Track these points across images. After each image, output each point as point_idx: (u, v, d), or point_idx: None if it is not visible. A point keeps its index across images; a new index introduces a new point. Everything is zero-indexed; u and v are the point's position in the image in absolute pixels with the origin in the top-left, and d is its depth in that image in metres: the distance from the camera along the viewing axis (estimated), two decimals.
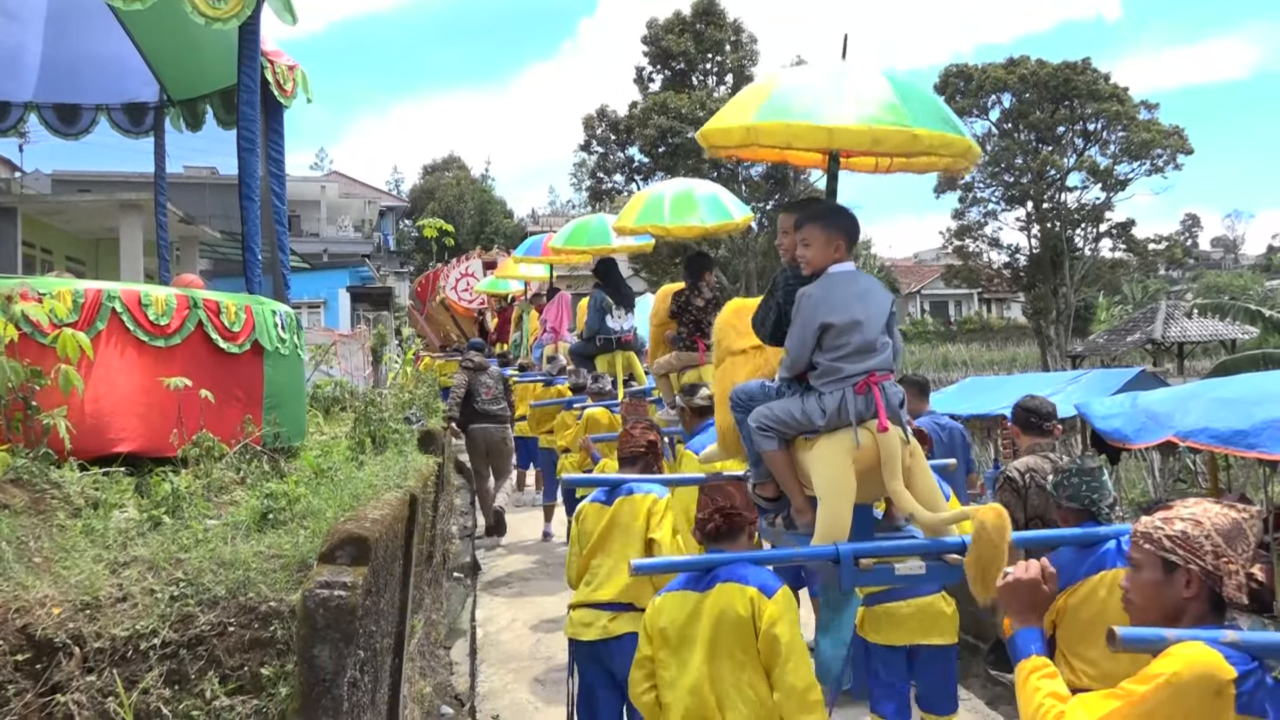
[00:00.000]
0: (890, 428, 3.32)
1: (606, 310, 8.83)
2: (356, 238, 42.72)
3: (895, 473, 3.31)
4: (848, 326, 3.36)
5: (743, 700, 3.13)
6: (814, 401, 3.39)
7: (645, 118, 38.67)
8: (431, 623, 6.87)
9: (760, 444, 3.55)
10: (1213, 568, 2.17)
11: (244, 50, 5.81)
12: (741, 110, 3.71)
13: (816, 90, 3.61)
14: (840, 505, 3.29)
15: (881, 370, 3.40)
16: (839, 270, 3.48)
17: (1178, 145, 41.70)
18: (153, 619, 3.06)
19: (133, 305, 4.84)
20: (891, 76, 3.67)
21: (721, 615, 3.17)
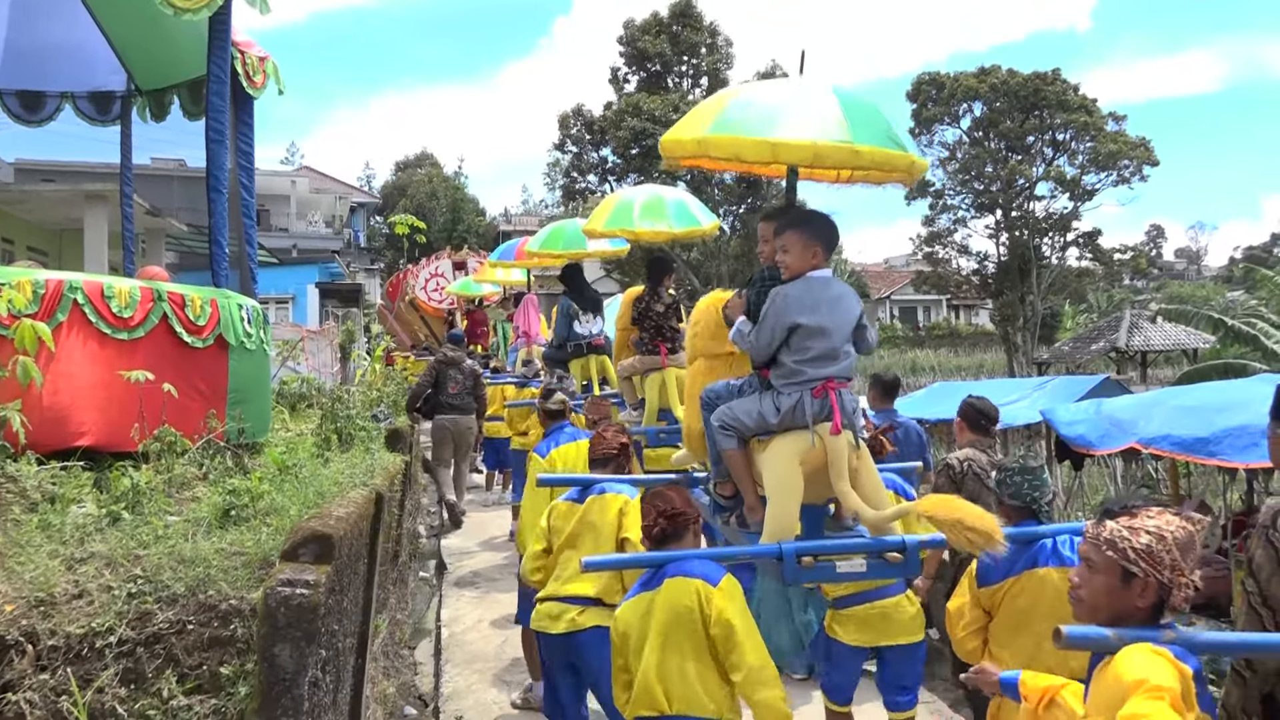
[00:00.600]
0: (842, 432, 3.43)
1: (574, 316, 8.87)
2: (327, 234, 42.31)
3: (842, 474, 3.42)
4: (815, 330, 3.46)
5: (690, 690, 3.23)
6: (770, 401, 3.50)
7: (619, 119, 38.67)
8: (396, 622, 6.81)
9: (721, 442, 3.66)
10: (1168, 580, 2.30)
11: (214, 41, 5.74)
12: (696, 123, 3.87)
13: (765, 106, 3.78)
14: (787, 504, 3.40)
15: (840, 378, 3.51)
16: (817, 275, 3.57)
17: (1144, 157, 42.33)
18: (109, 616, 3.00)
19: (95, 297, 4.76)
20: (840, 93, 3.82)
21: (671, 609, 3.28)
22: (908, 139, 3.92)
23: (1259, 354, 19.60)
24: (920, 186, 46.27)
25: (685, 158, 4.01)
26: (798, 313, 3.46)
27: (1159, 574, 2.29)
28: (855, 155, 3.69)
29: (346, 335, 14.48)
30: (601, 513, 4.52)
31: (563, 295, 9.12)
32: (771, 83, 4.22)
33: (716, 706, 3.24)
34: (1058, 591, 3.38)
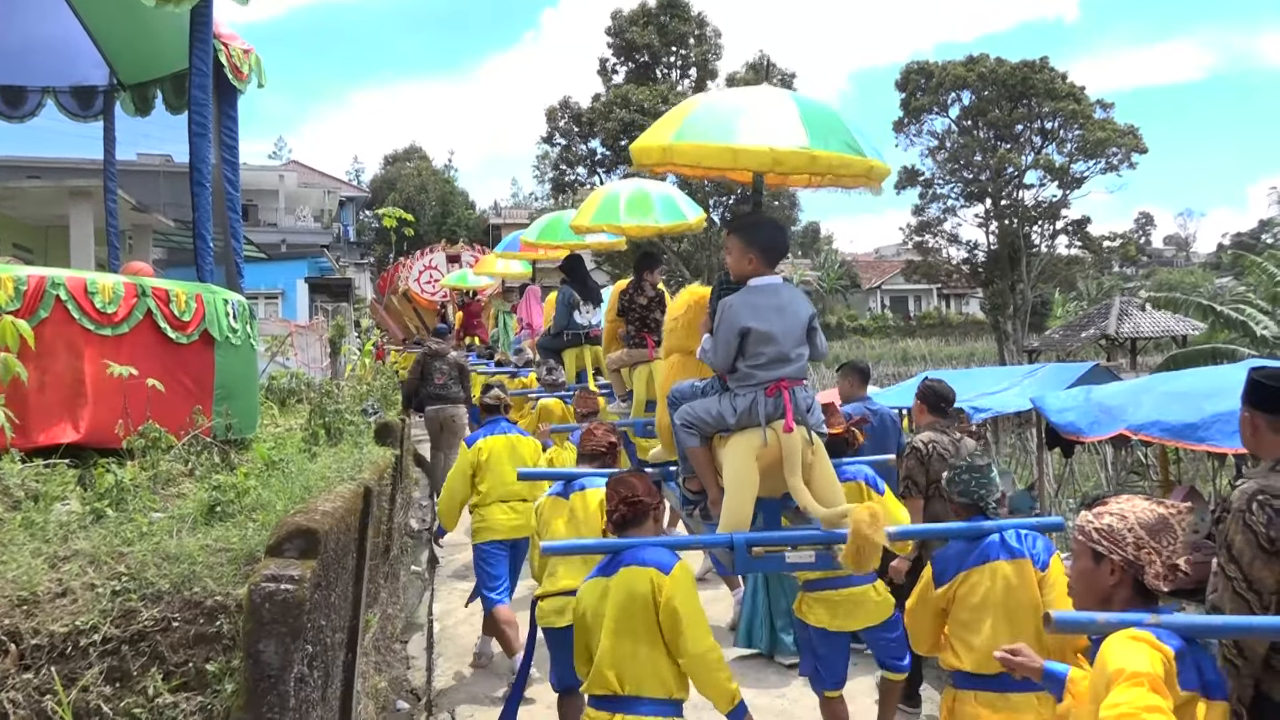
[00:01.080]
0: (795, 428, 3.60)
1: (574, 306, 9.00)
2: (315, 228, 42.16)
3: (795, 470, 3.59)
4: (763, 336, 3.65)
5: (642, 673, 3.41)
6: (728, 401, 3.70)
7: (608, 110, 38.64)
8: (387, 617, 6.79)
9: (684, 440, 3.89)
10: (1133, 557, 2.42)
11: (195, 33, 5.69)
12: (662, 131, 4.07)
13: (726, 113, 3.99)
14: (743, 497, 3.60)
15: (793, 378, 3.71)
16: (759, 283, 3.78)
17: (1132, 144, 42.46)
18: (93, 614, 2.97)
19: (78, 293, 4.71)
20: (800, 101, 4.03)
21: (625, 595, 3.45)
22: (868, 144, 4.06)
23: (1248, 340, 19.67)
24: (909, 176, 46.42)
25: (654, 164, 4.14)
26: (745, 319, 3.65)
27: (1122, 551, 2.43)
28: (813, 160, 3.86)
29: (336, 330, 14.45)
30: (584, 507, 4.78)
31: (563, 284, 9.19)
32: (734, 91, 4.47)
33: (666, 687, 3.42)
34: (1008, 583, 3.57)
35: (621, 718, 3.41)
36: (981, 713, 3.45)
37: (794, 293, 3.89)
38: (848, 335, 51.11)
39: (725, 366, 3.76)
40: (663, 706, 3.42)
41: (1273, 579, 2.82)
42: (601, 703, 3.49)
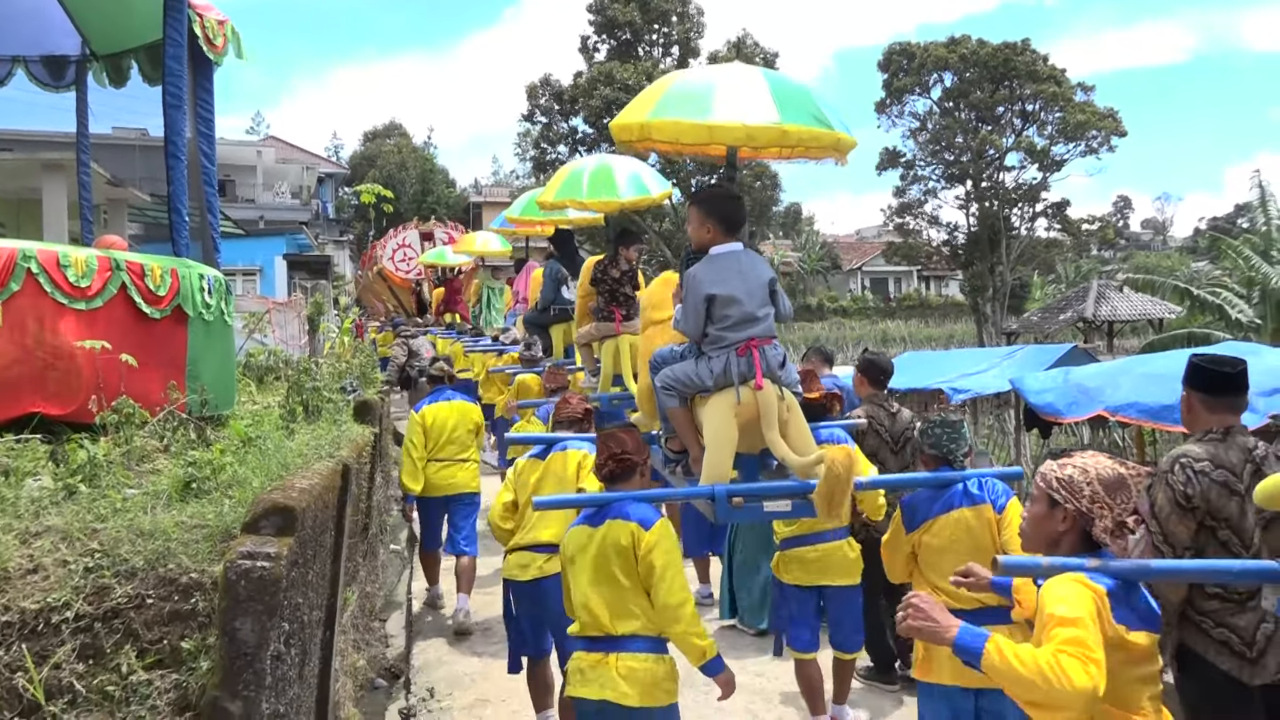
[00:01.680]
0: (766, 385, 3.79)
1: (562, 281, 9.16)
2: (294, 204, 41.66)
3: (771, 424, 3.77)
4: (728, 299, 3.83)
5: (630, 614, 3.68)
6: (704, 364, 3.89)
7: (590, 88, 38.40)
8: (366, 595, 6.77)
9: (664, 402, 4.08)
10: (1086, 509, 2.58)
11: (170, 3, 5.58)
12: (639, 109, 4.24)
13: (701, 91, 4.15)
14: (722, 453, 3.80)
15: (762, 336, 3.87)
16: (719, 250, 3.97)
17: (1112, 127, 42.64)
18: (66, 591, 2.93)
19: (50, 266, 4.63)
20: (769, 77, 4.22)
21: (609, 545, 3.72)
22: (836, 117, 4.22)
23: (1224, 324, 19.86)
24: (891, 157, 46.48)
25: (632, 141, 4.29)
26: (709, 285, 3.84)
27: (1077, 502, 2.60)
28: (784, 134, 4.05)
29: (314, 307, 14.32)
30: (563, 466, 5.01)
31: (550, 260, 9.29)
32: (707, 68, 4.64)
33: (652, 624, 3.69)
34: (969, 528, 3.90)
35: (616, 656, 3.65)
36: None
37: (753, 257, 4.06)
38: (828, 316, 51.23)
39: (696, 332, 3.95)
40: (653, 644, 3.70)
41: (1186, 533, 3.30)
42: (594, 644, 3.72)
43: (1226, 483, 3.31)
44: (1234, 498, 3.31)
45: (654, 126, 4.09)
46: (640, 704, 3.59)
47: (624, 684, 3.60)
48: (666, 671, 3.71)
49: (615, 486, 3.91)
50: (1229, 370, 3.49)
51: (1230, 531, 3.31)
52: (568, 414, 5.39)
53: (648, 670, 3.65)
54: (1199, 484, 3.30)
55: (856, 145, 4.37)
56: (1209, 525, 3.33)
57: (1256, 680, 3.24)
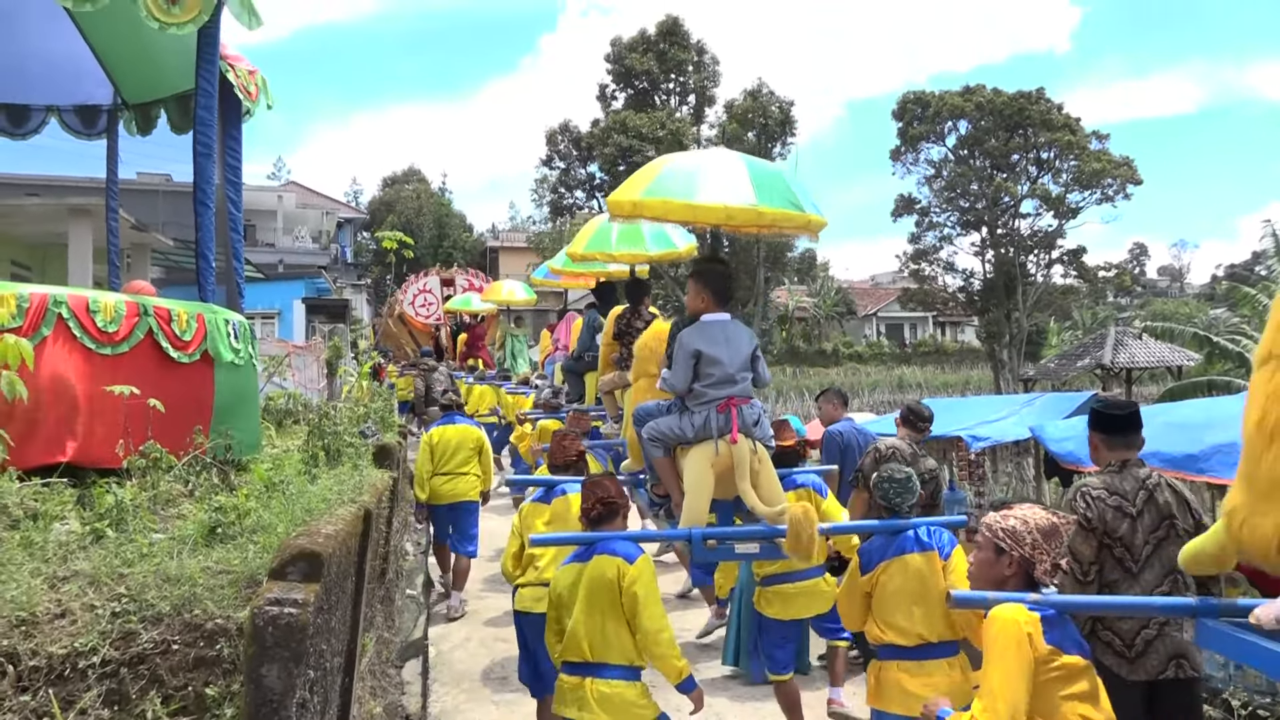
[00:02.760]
0: (740, 440, 4.29)
1: (597, 330, 9.20)
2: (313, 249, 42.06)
3: (744, 475, 4.28)
4: (712, 360, 4.36)
5: (610, 644, 4.00)
6: (687, 418, 4.39)
7: (606, 135, 38.81)
8: (383, 641, 6.73)
9: (650, 452, 4.57)
10: (1029, 555, 3.04)
11: (202, 54, 5.71)
12: (634, 188, 4.67)
13: (688, 175, 4.60)
14: (700, 499, 4.31)
15: (740, 396, 4.40)
16: (710, 319, 4.51)
17: (1127, 175, 42.70)
18: (92, 636, 2.94)
19: (80, 311, 4.70)
20: (750, 163, 4.66)
21: (597, 579, 4.04)
22: (808, 200, 4.66)
23: (1243, 371, 19.71)
24: (906, 204, 46.66)
25: (625, 215, 4.74)
26: (698, 344, 4.38)
27: (1021, 549, 3.05)
28: (760, 215, 4.49)
29: (333, 351, 14.42)
30: (565, 508, 5.39)
31: (590, 309, 9.61)
32: (695, 154, 5.13)
33: (627, 656, 4.02)
34: (919, 572, 4.12)
35: (591, 680, 4.00)
36: (901, 677, 3.97)
37: (739, 327, 4.59)
38: (844, 362, 51.14)
39: (684, 387, 4.44)
40: (625, 671, 4.03)
41: (1089, 552, 3.90)
42: (574, 668, 4.08)
43: (1120, 507, 3.94)
44: (1126, 519, 3.91)
45: (645, 204, 4.53)
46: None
47: (596, 706, 3.95)
48: (637, 695, 4.03)
49: (601, 528, 4.26)
50: (1123, 413, 4.14)
51: (1124, 549, 3.91)
52: (562, 458, 5.80)
53: (618, 694, 3.98)
54: (1097, 508, 3.92)
55: (826, 225, 4.74)
56: (1106, 544, 3.91)
57: (1133, 677, 3.81)
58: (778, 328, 53.18)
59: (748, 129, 38.81)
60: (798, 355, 51.29)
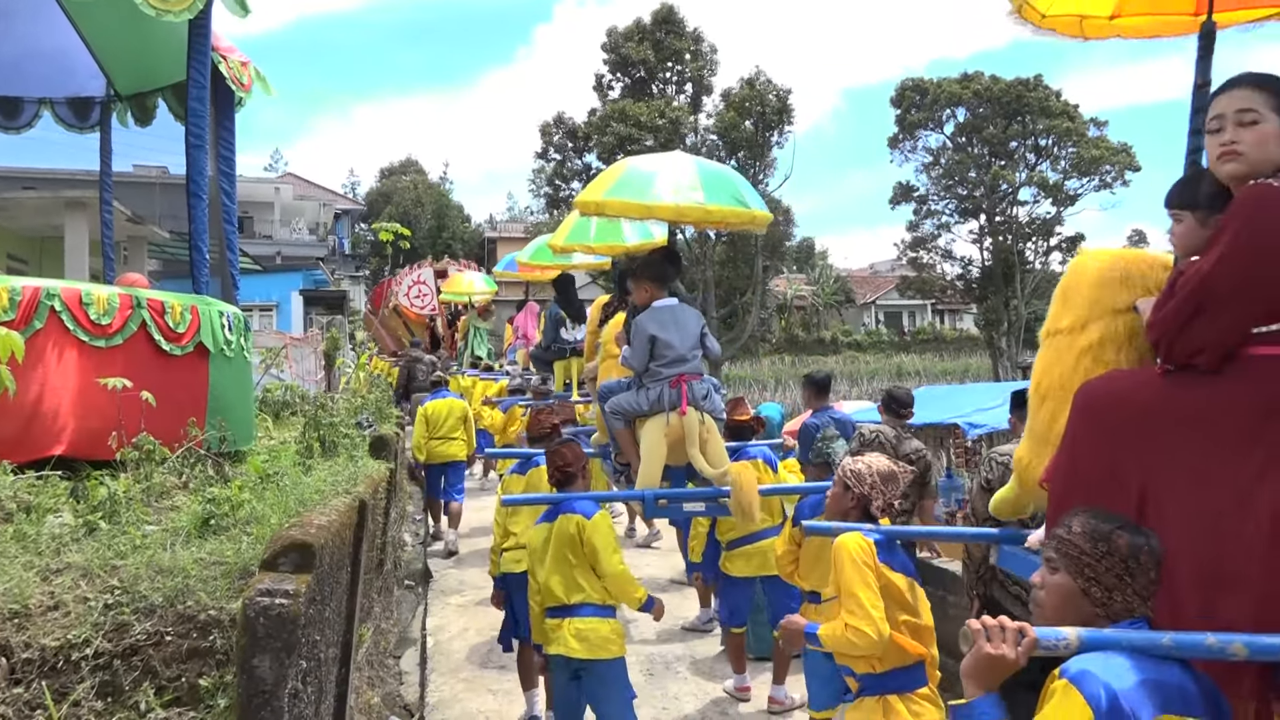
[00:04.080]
0: (690, 412, 4.90)
1: (560, 323, 10.14)
2: (311, 240, 42.03)
3: (693, 442, 4.92)
4: (664, 342, 4.97)
5: (579, 587, 4.55)
6: (643, 394, 5.02)
7: (604, 125, 38.66)
8: (381, 631, 6.75)
9: (612, 424, 5.18)
10: (867, 493, 3.63)
11: (194, 45, 5.69)
12: (598, 188, 5.39)
13: (645, 177, 5.35)
14: (653, 464, 4.93)
15: (690, 373, 5.01)
16: (659, 304, 5.15)
17: (1125, 162, 42.61)
18: (85, 628, 2.94)
19: (73, 304, 4.70)
20: (699, 165, 5.49)
21: (562, 534, 4.58)
22: (753, 198, 5.48)
23: None
24: (904, 192, 46.59)
25: (592, 213, 5.55)
26: (651, 329, 4.99)
27: (861, 488, 3.63)
28: (707, 213, 5.33)
29: (331, 342, 14.40)
30: (540, 479, 5.76)
31: (553, 303, 10.20)
32: (653, 157, 5.78)
33: (599, 596, 4.55)
34: None
35: (569, 620, 4.52)
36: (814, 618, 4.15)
37: (687, 310, 5.21)
38: (842, 350, 51.13)
39: (641, 367, 5.06)
40: (598, 609, 4.55)
41: (982, 508, 4.31)
42: (554, 612, 4.59)
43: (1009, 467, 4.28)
44: None
45: (607, 204, 5.27)
46: (588, 656, 4.46)
47: (574, 641, 4.49)
48: (610, 630, 4.55)
49: (566, 489, 4.80)
50: None
51: None
52: (538, 430, 6.31)
53: (593, 629, 4.51)
54: (997, 471, 4.50)
55: (771, 219, 5.55)
56: None
57: None
58: (776, 316, 53.16)
59: (745, 117, 38.66)
60: (797, 344, 51.27)
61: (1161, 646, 2.01)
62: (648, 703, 6.14)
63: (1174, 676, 1.97)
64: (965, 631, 2.05)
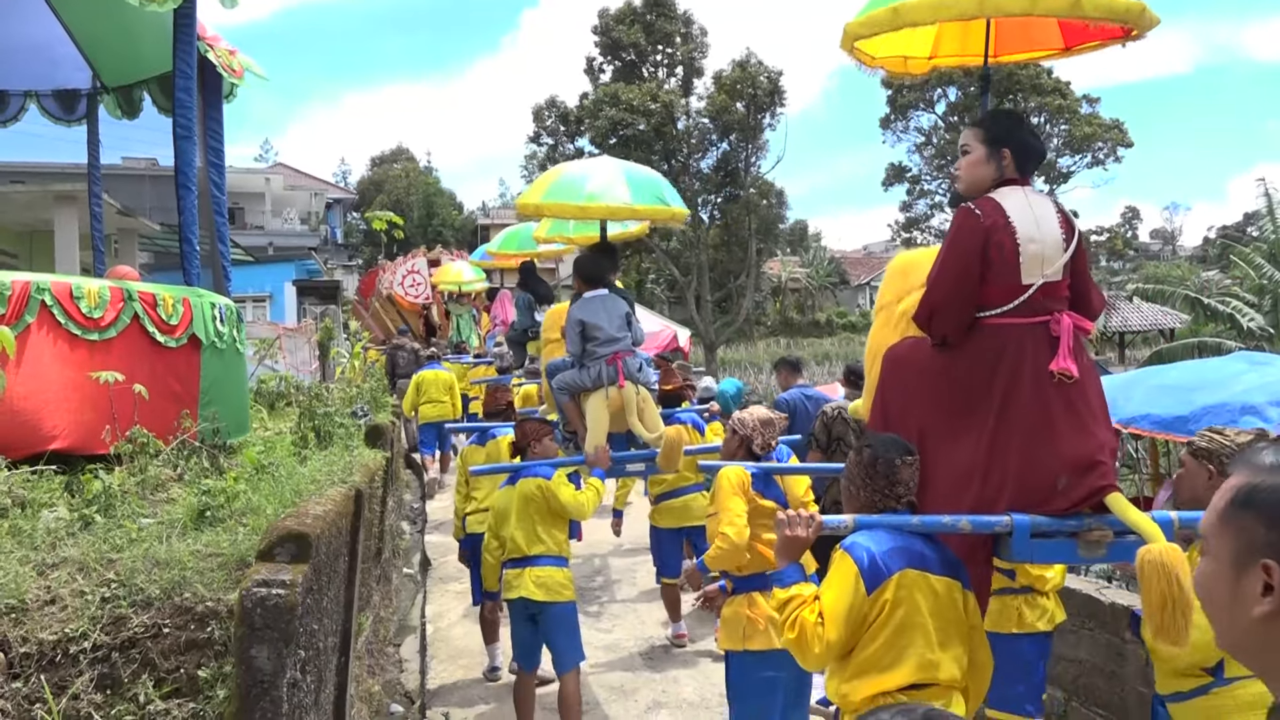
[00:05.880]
0: (626, 385, 5.66)
1: (531, 307, 11.18)
2: (303, 230, 41.86)
3: (631, 411, 5.69)
4: (595, 326, 5.70)
5: (541, 541, 5.24)
6: (585, 372, 5.76)
7: (596, 109, 38.49)
8: (380, 619, 6.76)
9: (559, 399, 5.98)
10: (749, 435, 4.37)
11: (179, 35, 5.64)
12: (536, 191, 6.23)
13: (578, 179, 6.11)
14: (597, 432, 5.67)
15: (623, 350, 5.72)
16: (589, 295, 5.92)
17: (1118, 139, 42.58)
18: (83, 621, 2.94)
19: (64, 298, 4.67)
20: (627, 170, 6.30)
21: (525, 494, 5.29)
22: (674, 197, 6.36)
23: (1234, 332, 19.74)
24: (896, 173, 46.55)
25: (531, 215, 6.65)
26: (582, 315, 5.75)
27: (745, 431, 4.37)
28: (633, 212, 6.25)
29: (325, 333, 14.37)
30: (498, 450, 6.53)
31: (519, 290, 11.19)
32: (583, 162, 6.68)
33: (557, 548, 5.29)
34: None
35: (530, 569, 5.18)
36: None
37: (614, 299, 5.86)
38: (837, 332, 51.14)
39: (577, 350, 5.77)
40: (555, 560, 5.25)
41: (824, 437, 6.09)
42: (515, 563, 5.25)
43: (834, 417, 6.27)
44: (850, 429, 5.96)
45: (545, 206, 6.14)
46: (547, 599, 5.13)
47: (534, 587, 5.14)
48: (564, 577, 5.27)
49: (526, 456, 5.50)
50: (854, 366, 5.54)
51: None
52: (494, 406, 7.21)
53: (550, 576, 5.20)
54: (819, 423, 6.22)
55: (687, 215, 6.61)
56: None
57: None
58: (771, 299, 53.12)
59: (737, 100, 38.48)
60: (791, 326, 51.27)
61: (912, 524, 2.97)
62: (648, 686, 6.17)
63: (918, 545, 2.91)
64: (780, 519, 2.99)
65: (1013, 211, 3.14)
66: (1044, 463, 3.04)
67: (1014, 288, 3.09)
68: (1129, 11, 3.30)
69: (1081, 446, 3.06)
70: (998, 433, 3.08)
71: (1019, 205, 3.17)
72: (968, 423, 3.15)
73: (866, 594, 2.79)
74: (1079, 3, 3.20)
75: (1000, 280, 3.10)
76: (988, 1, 3.23)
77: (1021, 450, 3.07)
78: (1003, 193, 3.21)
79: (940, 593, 2.88)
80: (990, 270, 3.10)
